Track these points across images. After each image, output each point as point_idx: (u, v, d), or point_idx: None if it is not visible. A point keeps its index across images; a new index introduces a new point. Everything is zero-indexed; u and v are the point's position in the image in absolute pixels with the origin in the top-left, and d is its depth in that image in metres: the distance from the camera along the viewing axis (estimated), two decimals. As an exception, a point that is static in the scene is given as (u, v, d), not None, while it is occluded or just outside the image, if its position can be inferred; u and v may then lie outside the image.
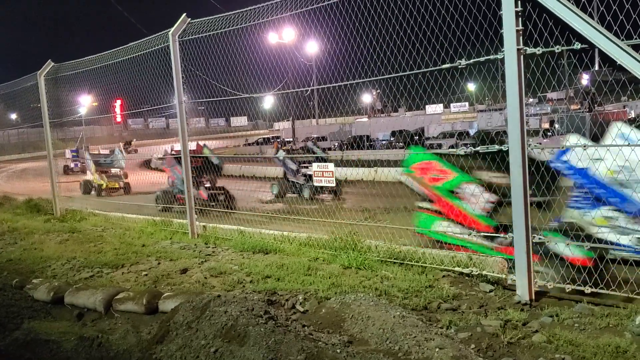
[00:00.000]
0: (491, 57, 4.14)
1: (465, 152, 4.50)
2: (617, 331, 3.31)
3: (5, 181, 20.47)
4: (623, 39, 3.45)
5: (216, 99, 7.32)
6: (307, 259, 5.33)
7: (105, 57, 8.67)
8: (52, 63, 9.87)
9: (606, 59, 3.51)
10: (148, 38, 7.64)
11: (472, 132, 28.95)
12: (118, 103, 11.55)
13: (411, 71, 4.97)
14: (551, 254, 4.10)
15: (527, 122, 4.04)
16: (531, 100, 31.41)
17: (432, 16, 4.71)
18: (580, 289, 3.87)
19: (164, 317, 3.58)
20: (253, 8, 6.19)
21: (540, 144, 4.07)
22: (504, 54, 3.94)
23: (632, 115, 26.79)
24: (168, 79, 7.24)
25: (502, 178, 4.38)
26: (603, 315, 3.57)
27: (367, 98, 38.09)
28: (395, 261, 5.03)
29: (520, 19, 3.86)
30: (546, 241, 4.03)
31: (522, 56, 3.88)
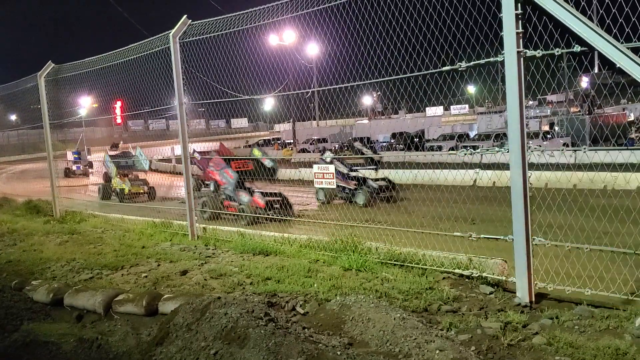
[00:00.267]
0: (491, 60, 4.15)
1: None
2: (617, 333, 3.31)
3: (4, 182, 20.45)
4: (622, 42, 3.46)
5: (217, 101, 7.32)
6: (308, 261, 5.32)
7: (105, 59, 8.68)
8: (52, 64, 9.88)
9: (606, 62, 3.52)
10: (149, 39, 7.66)
11: (472, 135, 29.02)
12: (118, 104, 11.56)
13: (411, 73, 4.98)
14: None
15: (527, 125, 4.04)
16: (531, 102, 31.46)
17: (433, 19, 4.73)
18: (580, 291, 3.88)
19: (164, 319, 3.58)
20: (253, 10, 6.20)
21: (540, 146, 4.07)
22: (504, 57, 3.95)
23: (632, 117, 26.83)
24: (168, 81, 7.26)
25: None
26: (603, 317, 3.57)
27: (368, 100, 38.17)
28: (395, 263, 5.03)
29: (520, 22, 3.87)
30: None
31: (522, 59, 3.89)
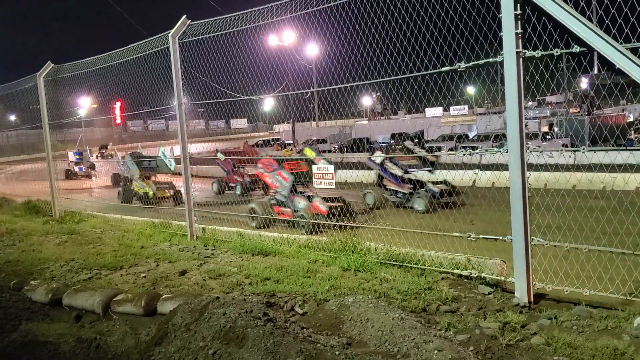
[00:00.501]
0: (490, 60, 4.15)
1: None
2: (616, 333, 3.31)
3: (4, 183, 20.42)
4: (621, 42, 3.46)
5: (216, 101, 7.32)
6: (307, 261, 5.32)
7: (104, 59, 8.68)
8: (52, 64, 9.88)
9: (605, 63, 3.52)
10: (148, 40, 7.66)
11: (472, 135, 29.02)
12: (118, 105, 11.56)
13: (411, 74, 4.98)
14: None
15: (527, 125, 4.05)
16: (530, 103, 31.47)
17: (432, 19, 4.73)
18: (579, 291, 3.88)
19: (163, 319, 3.58)
20: (253, 10, 6.20)
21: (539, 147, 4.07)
22: (503, 57, 3.95)
23: (631, 118, 26.86)
24: (168, 81, 7.26)
25: None
26: (601, 317, 3.57)
27: (367, 101, 38.20)
28: (394, 263, 5.03)
29: (519, 22, 3.87)
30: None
31: (521, 59, 3.89)
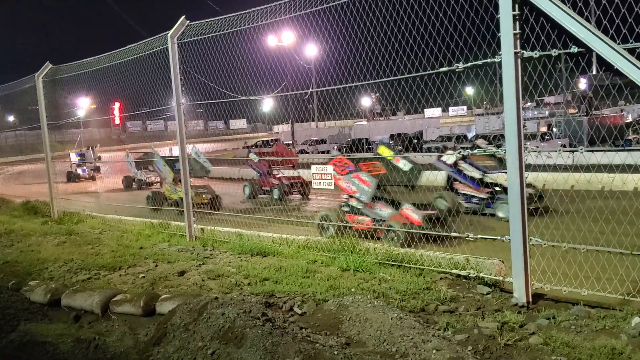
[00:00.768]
0: (489, 61, 4.16)
1: None
2: (613, 333, 3.32)
3: (2, 184, 20.39)
4: (619, 43, 3.47)
5: (215, 101, 7.32)
6: (305, 262, 5.32)
7: (103, 59, 8.67)
8: (50, 65, 9.87)
9: (603, 63, 3.53)
10: (146, 40, 7.66)
11: (470, 136, 29.05)
12: (117, 105, 11.55)
13: (409, 74, 4.99)
14: None
15: (525, 126, 4.06)
16: (529, 104, 31.50)
17: (430, 20, 4.74)
18: (577, 291, 3.89)
19: (161, 319, 3.58)
20: (252, 11, 6.21)
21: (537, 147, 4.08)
22: (502, 58, 3.96)
23: (629, 119, 26.89)
24: (166, 81, 7.25)
25: None
26: (599, 317, 3.58)
27: (367, 101, 38.19)
28: (393, 263, 5.03)
29: (517, 23, 3.88)
30: None
31: (520, 60, 3.90)
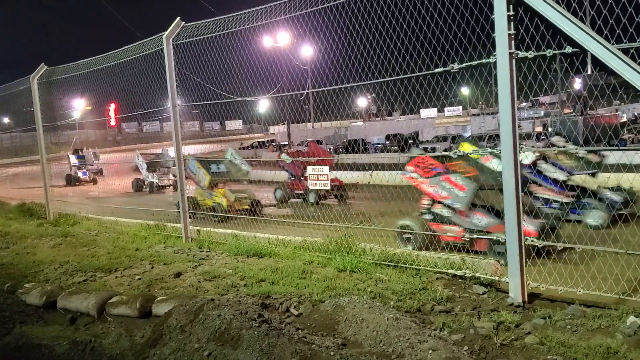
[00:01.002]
0: (484, 61, 4.17)
1: None
2: (609, 332, 3.33)
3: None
4: (613, 43, 3.49)
5: (210, 102, 7.31)
6: (302, 263, 5.32)
7: (98, 61, 8.65)
8: (45, 66, 9.83)
9: (597, 63, 3.55)
10: (142, 41, 7.64)
11: (466, 136, 29.13)
12: (112, 107, 11.50)
13: (405, 75, 5.00)
14: None
15: (520, 126, 4.07)
16: (524, 104, 31.60)
17: (426, 20, 4.75)
18: (572, 291, 3.90)
19: (158, 321, 3.56)
20: (247, 12, 6.20)
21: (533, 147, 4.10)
22: (496, 58, 3.97)
23: (624, 119, 27.04)
24: (162, 82, 7.24)
25: None
26: (595, 316, 3.60)
27: (363, 102, 38.26)
28: (389, 264, 5.04)
29: (512, 23, 3.89)
30: None
31: (514, 60, 3.91)
